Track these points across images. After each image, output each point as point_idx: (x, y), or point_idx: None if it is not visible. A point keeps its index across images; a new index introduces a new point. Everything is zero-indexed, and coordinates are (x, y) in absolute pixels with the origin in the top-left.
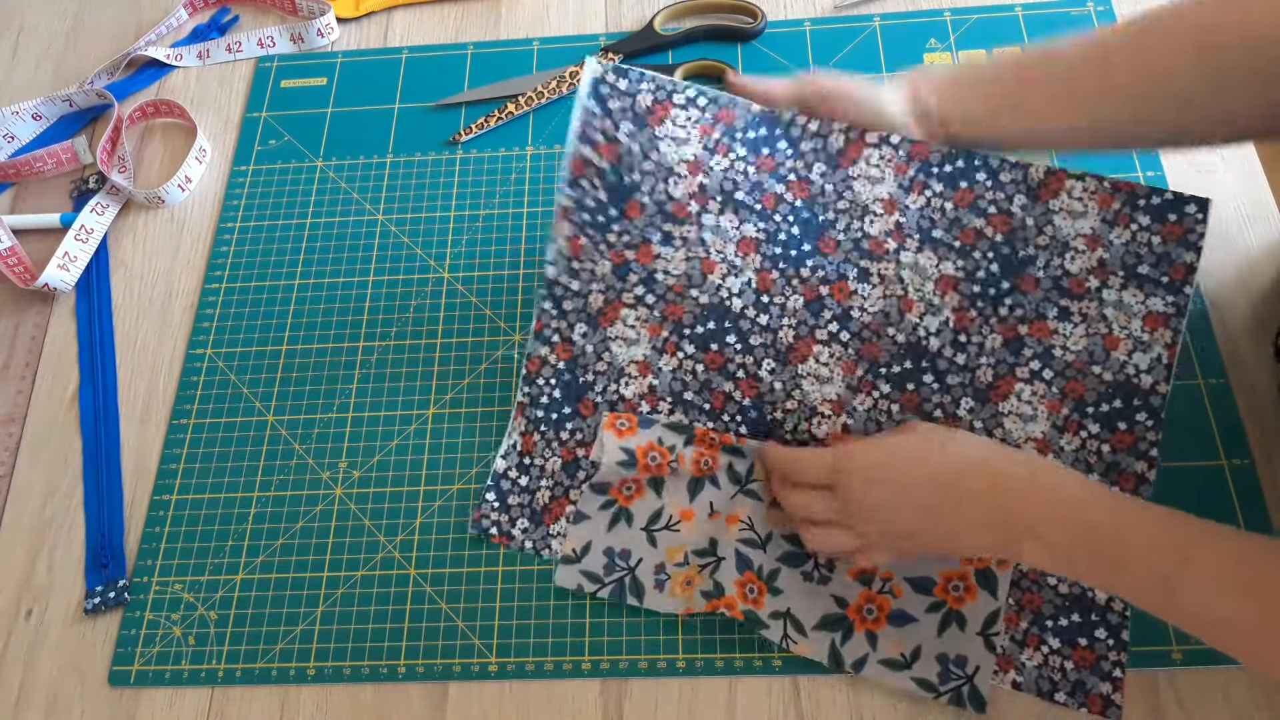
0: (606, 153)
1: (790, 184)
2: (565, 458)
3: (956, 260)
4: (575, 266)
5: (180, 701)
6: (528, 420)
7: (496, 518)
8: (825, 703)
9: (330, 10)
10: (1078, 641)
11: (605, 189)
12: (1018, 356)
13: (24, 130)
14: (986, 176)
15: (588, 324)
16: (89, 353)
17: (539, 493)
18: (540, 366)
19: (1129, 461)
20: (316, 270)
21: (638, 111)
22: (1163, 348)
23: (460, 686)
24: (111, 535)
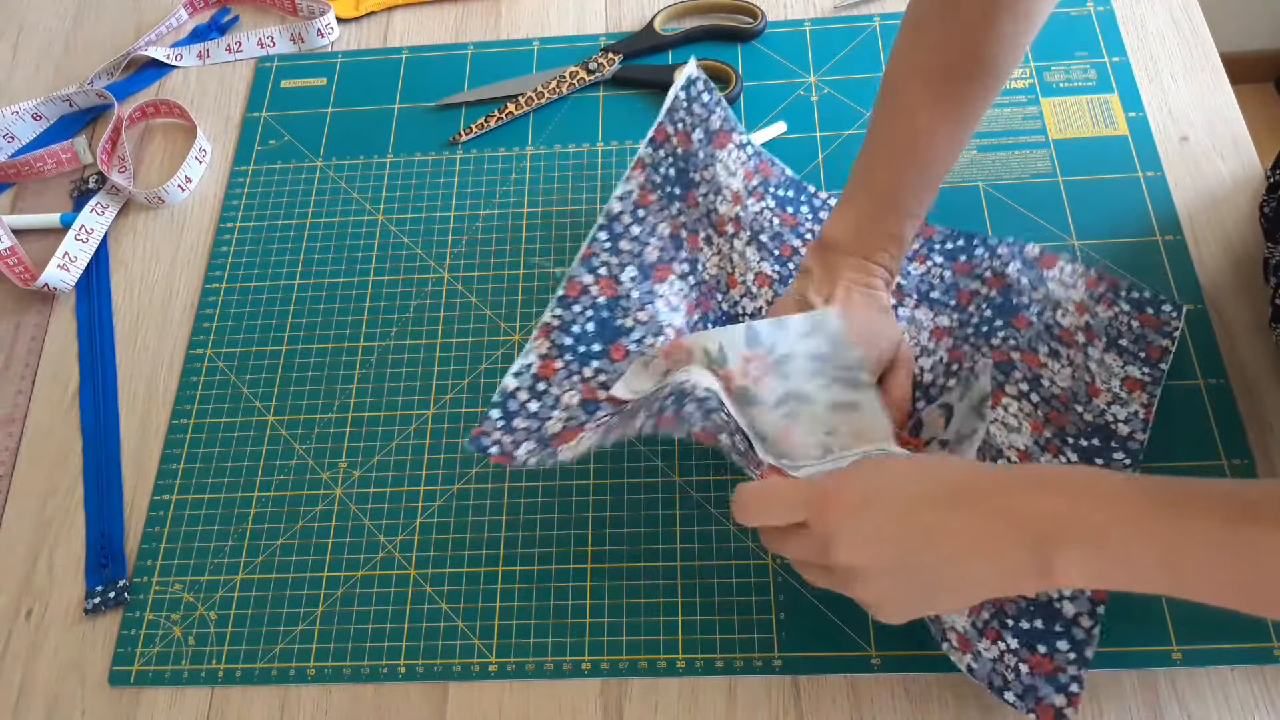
0: (681, 140)
1: (806, 241)
2: (585, 395)
3: (952, 314)
4: (639, 214)
5: (180, 701)
6: (552, 344)
7: (499, 437)
8: (825, 703)
9: (330, 10)
10: (1036, 648)
11: (676, 169)
12: (1007, 377)
13: (24, 130)
14: (985, 251)
15: (639, 270)
16: (89, 353)
17: (550, 421)
18: (580, 293)
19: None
20: (316, 270)
21: (709, 128)
22: (1140, 406)
23: (460, 686)
24: (111, 535)
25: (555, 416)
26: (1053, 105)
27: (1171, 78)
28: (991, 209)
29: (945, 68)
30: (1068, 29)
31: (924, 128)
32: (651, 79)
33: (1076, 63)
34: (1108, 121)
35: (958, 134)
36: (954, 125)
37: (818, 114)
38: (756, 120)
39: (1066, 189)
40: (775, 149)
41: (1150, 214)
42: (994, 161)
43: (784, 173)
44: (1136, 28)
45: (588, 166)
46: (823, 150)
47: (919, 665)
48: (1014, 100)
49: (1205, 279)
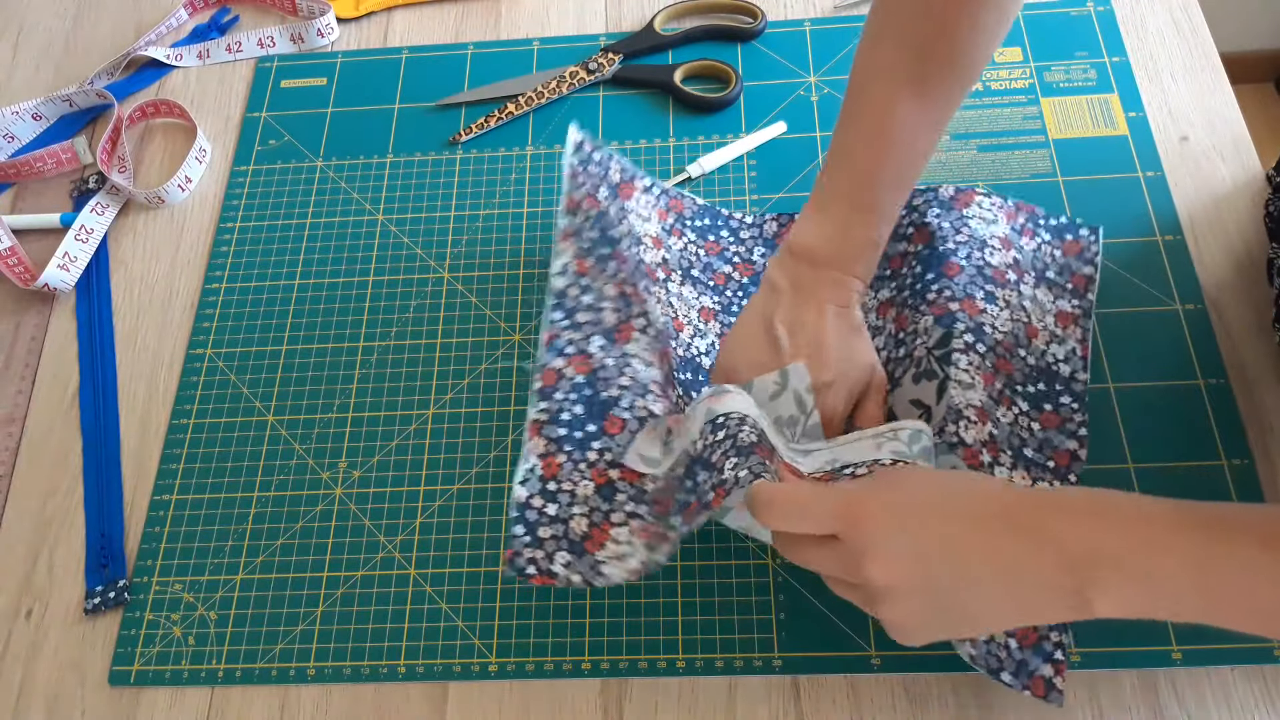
0: (590, 203)
1: (736, 265)
2: (597, 481)
3: (889, 285)
4: (584, 282)
5: (180, 701)
6: (547, 440)
7: (531, 554)
8: (825, 703)
9: (330, 10)
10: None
11: (598, 230)
12: (951, 328)
13: (24, 130)
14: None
15: (604, 338)
16: (89, 353)
17: (573, 521)
18: (557, 379)
19: (1060, 439)
20: (316, 270)
21: (611, 183)
22: (1076, 342)
23: (460, 686)
24: (111, 535)
25: (576, 514)
26: (1053, 105)
27: (1171, 78)
28: None
29: (919, 60)
30: (1068, 29)
31: (900, 123)
32: (651, 79)
33: (1076, 63)
34: (1108, 121)
35: (934, 129)
36: (930, 120)
37: (818, 114)
38: (756, 120)
39: (1066, 189)
40: (775, 149)
41: (1150, 214)
42: (994, 161)
43: (695, 203)
44: (1136, 28)
45: None
46: (822, 150)
47: (919, 665)
48: (1014, 100)
49: (1205, 279)
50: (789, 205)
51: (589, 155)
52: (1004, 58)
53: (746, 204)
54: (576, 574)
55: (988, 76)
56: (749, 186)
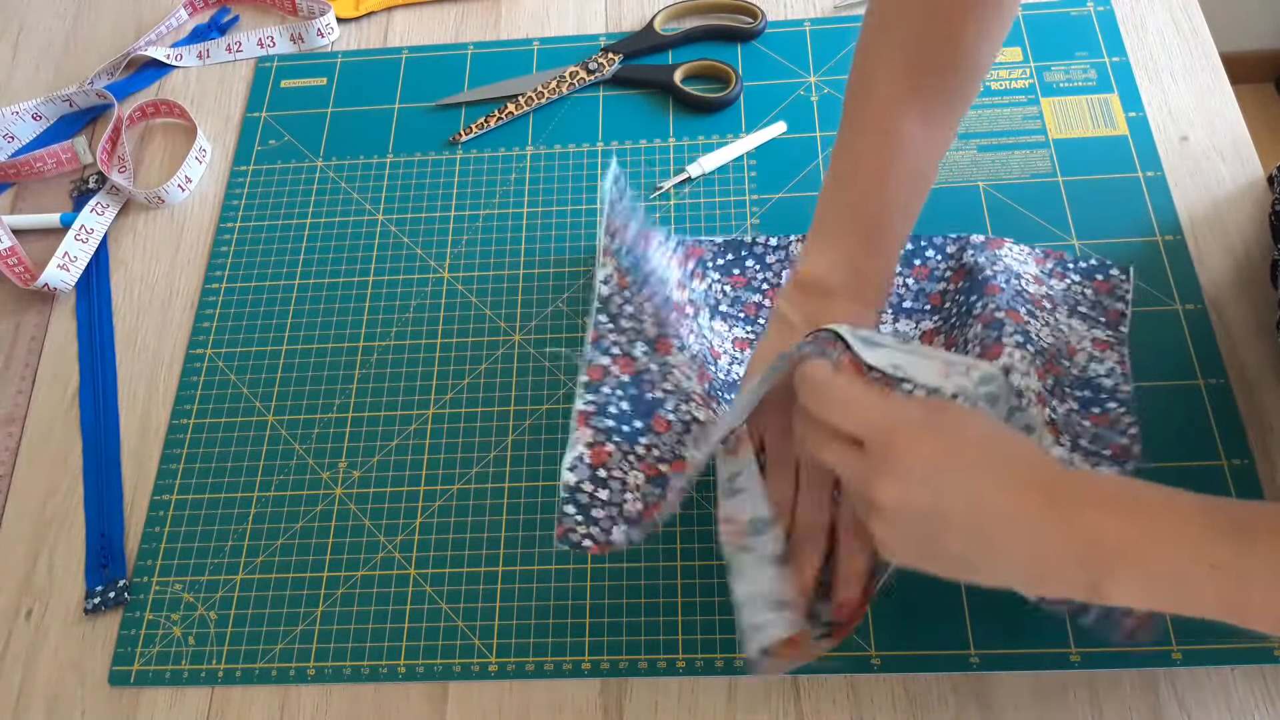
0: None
1: (765, 292)
2: (648, 473)
3: (933, 317)
4: (626, 294)
5: (180, 701)
6: (595, 430)
7: (585, 531)
8: (825, 703)
9: (330, 10)
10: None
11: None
12: (1000, 332)
13: (24, 130)
14: (934, 252)
15: (647, 345)
16: (89, 353)
17: (627, 504)
18: (603, 375)
19: (1112, 435)
20: (316, 270)
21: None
22: (1115, 363)
23: (460, 686)
24: (111, 535)
25: (629, 499)
26: (1053, 105)
27: (1171, 78)
28: (991, 209)
29: (921, 74)
30: (1068, 29)
31: (905, 142)
32: (651, 79)
33: (1076, 63)
34: (1108, 121)
35: (939, 146)
36: (935, 137)
37: (818, 114)
38: (756, 120)
39: (1066, 189)
40: (775, 149)
41: (1150, 214)
42: (994, 161)
43: (714, 244)
44: (1136, 28)
45: (588, 166)
46: (822, 150)
47: (919, 665)
48: (1014, 100)
49: (1205, 279)
50: (789, 205)
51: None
52: (1004, 58)
53: (746, 204)
54: (635, 534)
55: (988, 76)
56: (749, 186)
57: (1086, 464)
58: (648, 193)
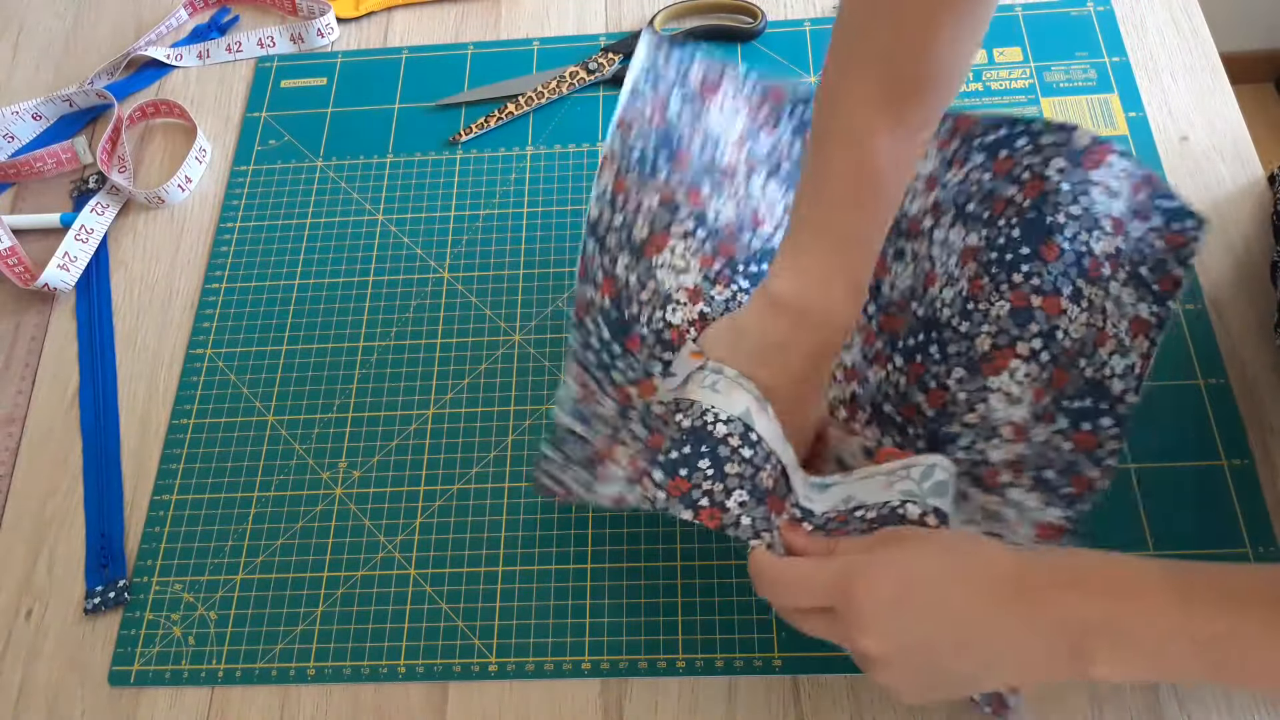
0: (656, 117)
1: None
2: (620, 400)
3: (982, 230)
4: (618, 202)
5: (180, 701)
6: (580, 367)
7: (557, 473)
8: (825, 703)
9: (330, 10)
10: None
11: (655, 142)
12: (1022, 330)
13: (24, 130)
14: (1028, 141)
15: (631, 254)
16: (89, 353)
17: (596, 439)
18: (587, 309)
19: (1085, 465)
20: (316, 270)
21: (689, 86)
22: (1139, 357)
23: (460, 686)
24: (111, 535)
25: (598, 432)
26: (1053, 105)
27: (1171, 78)
28: None
29: (894, 81)
30: (1068, 29)
31: (882, 151)
32: None
33: (1076, 63)
34: (1108, 121)
35: (911, 155)
36: (908, 146)
37: None
38: None
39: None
40: None
41: None
42: None
43: (795, 88)
44: (1136, 28)
45: (588, 166)
46: None
47: None
48: (1014, 100)
49: (1205, 279)
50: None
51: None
52: (1004, 58)
53: None
54: (580, 487)
55: (988, 76)
56: None
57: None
58: None
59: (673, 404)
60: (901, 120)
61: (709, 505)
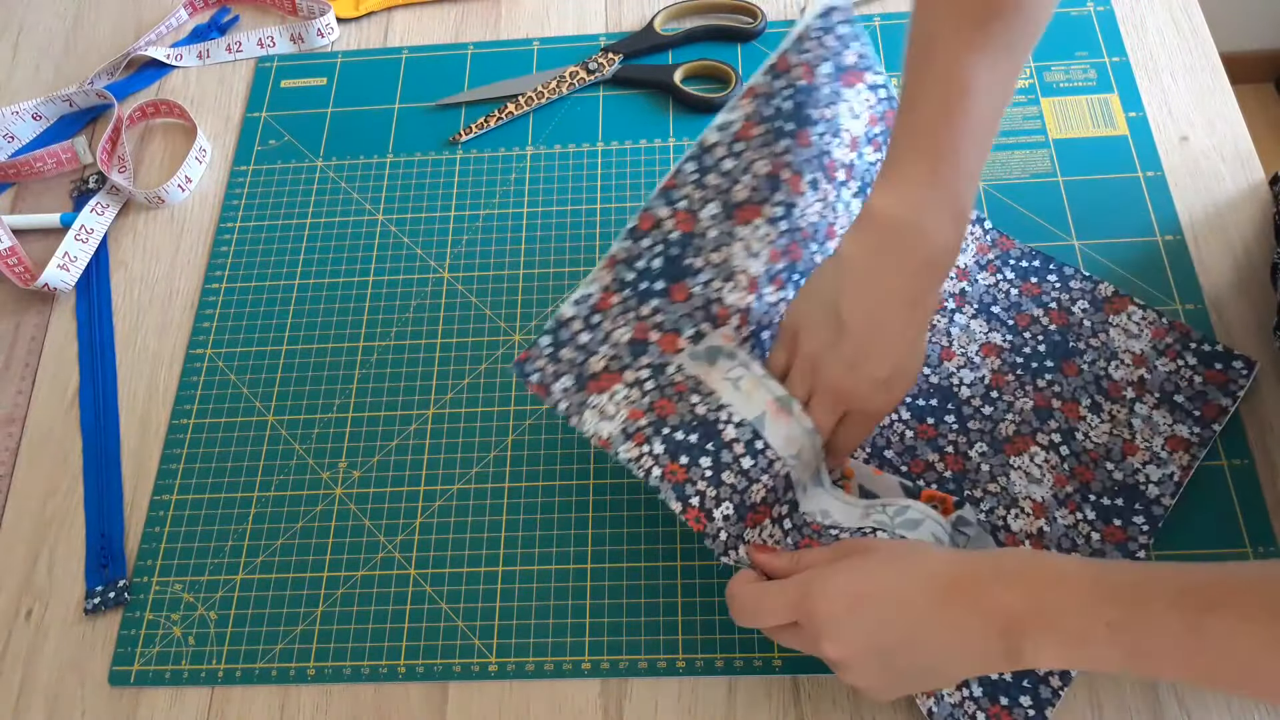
0: (805, 73)
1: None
2: (637, 335)
3: (1006, 335)
4: (737, 148)
5: (180, 701)
6: (615, 277)
7: (543, 365)
8: (825, 703)
9: (330, 10)
10: (999, 699)
11: (795, 100)
12: (1043, 424)
13: (24, 130)
14: (1057, 279)
15: (722, 209)
16: (89, 353)
17: (594, 358)
18: (653, 226)
19: (1114, 554)
20: (316, 270)
21: (840, 63)
22: (1178, 468)
23: (460, 686)
24: (111, 535)
25: (600, 353)
26: (1053, 105)
27: (1171, 78)
28: (991, 209)
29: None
30: (1068, 29)
31: (978, 87)
32: (651, 79)
33: (1076, 63)
34: (1108, 121)
35: (1007, 82)
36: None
37: None
38: None
39: (1066, 189)
40: None
41: (1150, 214)
42: (994, 161)
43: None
44: (1136, 28)
45: (588, 166)
46: None
47: None
48: (1014, 100)
49: (1205, 279)
50: None
51: (834, 25)
52: None
53: None
54: (565, 402)
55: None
56: None
57: None
58: None
59: (693, 380)
60: (989, 39)
61: (698, 507)
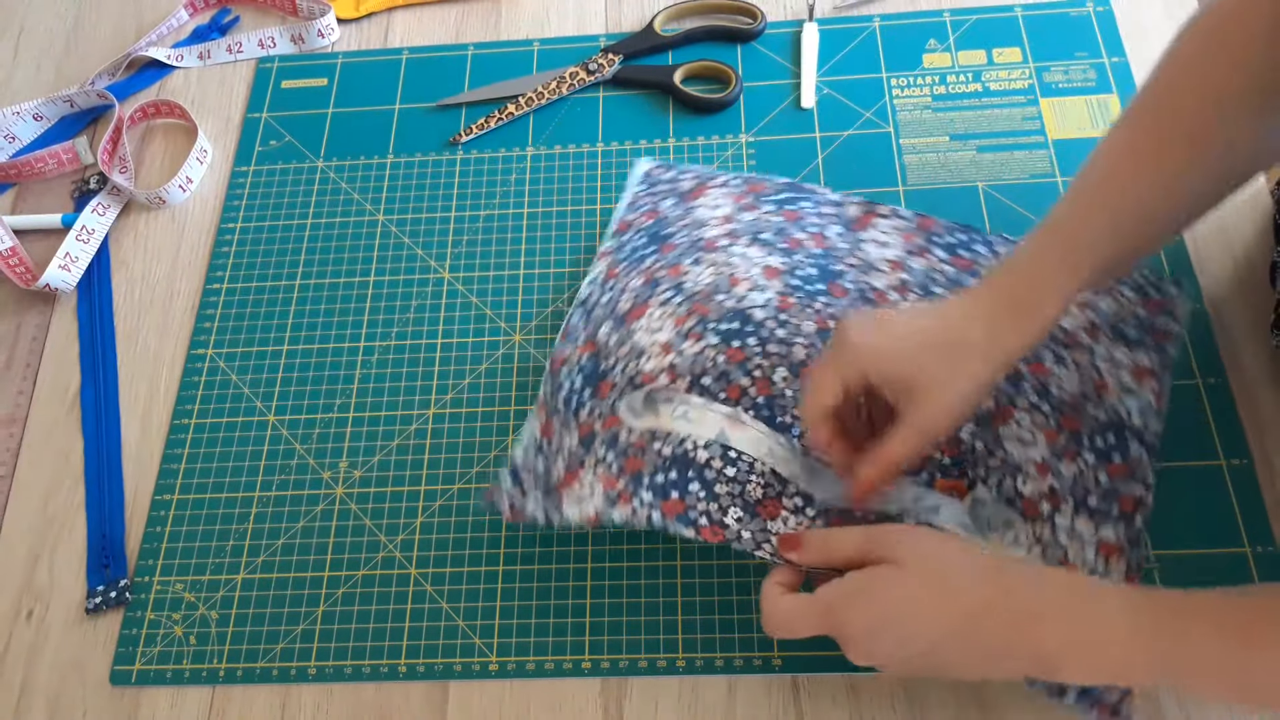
0: (648, 217)
1: (811, 234)
2: (582, 434)
3: None
4: (608, 284)
5: (181, 701)
6: (547, 413)
7: (509, 494)
8: (825, 702)
9: (331, 11)
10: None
11: (645, 235)
12: (1016, 389)
13: (25, 131)
14: (984, 248)
15: (614, 322)
16: (90, 353)
17: (554, 469)
18: (563, 364)
19: (1128, 486)
20: (317, 270)
21: (679, 192)
22: (1151, 395)
23: (460, 686)
24: (112, 535)
25: (558, 462)
26: (1052, 106)
27: None
28: (991, 210)
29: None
30: (1067, 29)
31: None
32: (651, 79)
33: (1076, 63)
34: (1107, 122)
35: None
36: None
37: (817, 114)
38: (756, 121)
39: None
40: (776, 149)
41: None
42: (993, 162)
43: (776, 182)
44: (1136, 28)
45: (588, 167)
46: (822, 150)
47: None
48: (1013, 101)
49: (1205, 279)
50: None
51: (656, 180)
52: (1003, 58)
53: None
54: (541, 511)
55: (987, 77)
56: None
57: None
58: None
59: (647, 434)
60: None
61: (708, 523)
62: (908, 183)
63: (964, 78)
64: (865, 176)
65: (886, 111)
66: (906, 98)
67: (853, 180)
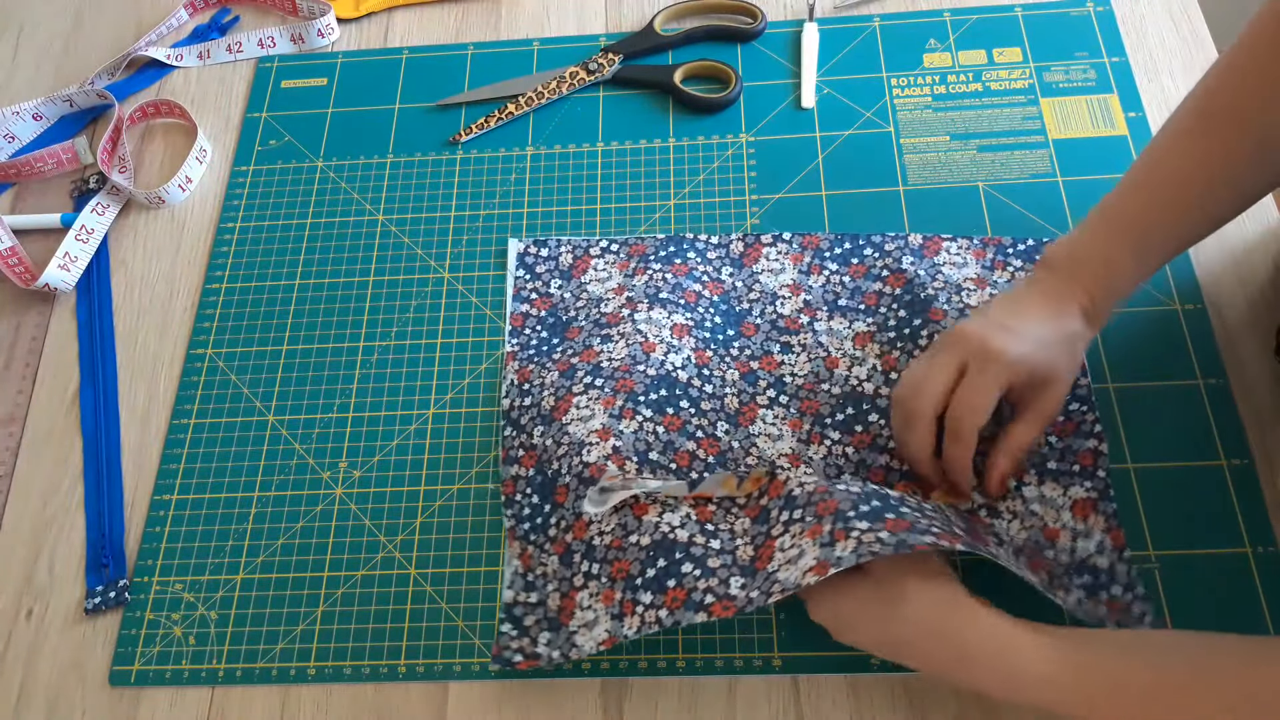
0: (541, 305)
1: (705, 283)
2: (559, 552)
3: (866, 319)
4: (525, 388)
5: (181, 701)
6: (520, 540)
7: (518, 645)
8: (825, 703)
9: (331, 10)
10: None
11: (546, 328)
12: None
13: (25, 130)
14: (873, 250)
15: (544, 424)
16: (89, 353)
17: (549, 599)
18: (515, 486)
19: (1079, 442)
20: (317, 270)
21: (562, 269)
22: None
23: (460, 686)
24: (112, 535)
25: (550, 591)
26: (1052, 105)
27: (1171, 78)
28: (991, 209)
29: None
30: (1067, 29)
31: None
32: (651, 79)
33: (1076, 63)
34: (1107, 122)
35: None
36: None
37: (818, 114)
38: (756, 121)
39: (1066, 189)
40: (776, 149)
41: None
42: (993, 162)
43: (655, 239)
44: (1136, 28)
45: (588, 167)
46: (822, 150)
47: None
48: (1013, 100)
49: (1205, 279)
50: (789, 205)
51: (534, 259)
52: (1003, 58)
53: (746, 204)
54: (556, 650)
55: (987, 77)
56: (749, 186)
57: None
58: None
59: (620, 528)
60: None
61: (715, 600)
62: (908, 182)
63: (964, 77)
64: (865, 176)
65: (887, 111)
66: (907, 97)
67: (853, 180)
